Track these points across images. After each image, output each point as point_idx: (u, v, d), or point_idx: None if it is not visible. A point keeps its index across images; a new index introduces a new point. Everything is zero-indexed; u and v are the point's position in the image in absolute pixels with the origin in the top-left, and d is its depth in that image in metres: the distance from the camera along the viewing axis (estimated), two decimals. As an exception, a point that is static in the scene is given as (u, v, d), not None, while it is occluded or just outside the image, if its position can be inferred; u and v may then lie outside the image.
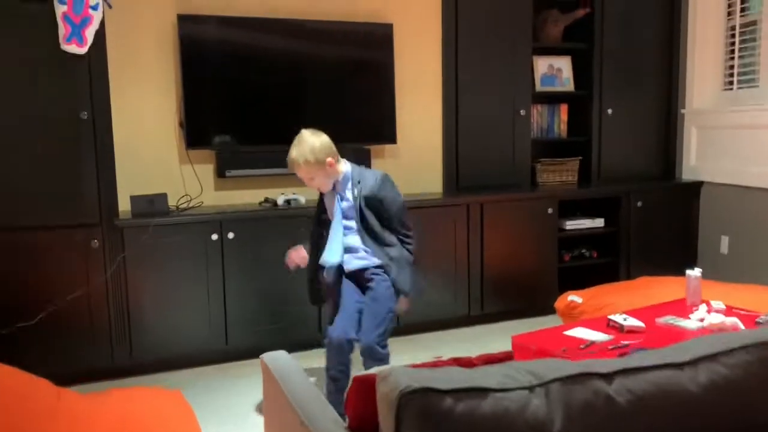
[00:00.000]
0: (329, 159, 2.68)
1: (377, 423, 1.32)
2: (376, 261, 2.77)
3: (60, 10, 3.03)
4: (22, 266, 3.15)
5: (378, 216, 2.77)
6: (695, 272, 3.03)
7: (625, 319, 2.69)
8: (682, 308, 2.97)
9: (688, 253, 4.61)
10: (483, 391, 1.13)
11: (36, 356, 3.16)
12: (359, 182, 2.76)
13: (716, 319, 2.66)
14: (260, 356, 1.76)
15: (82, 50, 3.11)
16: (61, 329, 3.24)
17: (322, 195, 2.88)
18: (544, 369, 1.20)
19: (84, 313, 3.27)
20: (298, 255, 2.96)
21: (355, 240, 2.79)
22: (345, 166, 2.78)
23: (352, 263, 2.80)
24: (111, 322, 3.33)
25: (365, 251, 2.79)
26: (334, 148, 2.72)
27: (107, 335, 3.33)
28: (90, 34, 3.11)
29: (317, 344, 3.75)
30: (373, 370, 1.35)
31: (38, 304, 3.17)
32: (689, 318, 2.79)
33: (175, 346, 3.44)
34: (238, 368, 3.52)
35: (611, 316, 2.74)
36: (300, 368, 1.67)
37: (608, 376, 1.19)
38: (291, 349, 3.66)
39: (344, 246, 2.81)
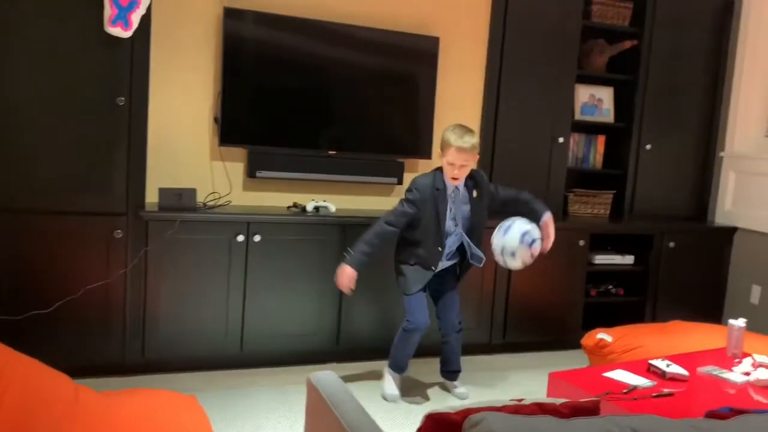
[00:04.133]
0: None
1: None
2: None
3: (108, -9, 2.93)
4: (41, 251, 3.04)
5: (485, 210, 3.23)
6: (739, 322, 2.92)
7: (668, 366, 2.58)
8: (724, 359, 2.86)
9: (716, 299, 4.49)
10: (587, 449, 1.01)
11: (46, 346, 3.04)
12: (474, 184, 3.16)
13: (764, 375, 2.54)
14: (307, 376, 1.64)
15: (127, 34, 3.01)
16: (75, 320, 3.11)
17: (415, 201, 3.08)
18: (649, 429, 1.08)
19: (100, 305, 3.15)
20: (349, 278, 3.03)
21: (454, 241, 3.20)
22: None
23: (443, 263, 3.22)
24: (126, 317, 3.21)
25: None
26: None
27: (121, 331, 3.21)
28: (136, 18, 3.02)
29: (334, 359, 3.64)
30: (448, 409, 1.23)
31: (54, 291, 3.06)
32: (732, 370, 2.68)
33: (189, 348, 3.32)
34: (251, 376, 3.39)
35: (652, 361, 2.64)
36: (350, 392, 1.55)
37: (721, 444, 1.07)
38: (306, 361, 3.57)
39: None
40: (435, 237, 3.10)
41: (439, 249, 3.13)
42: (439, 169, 3.15)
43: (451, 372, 3.38)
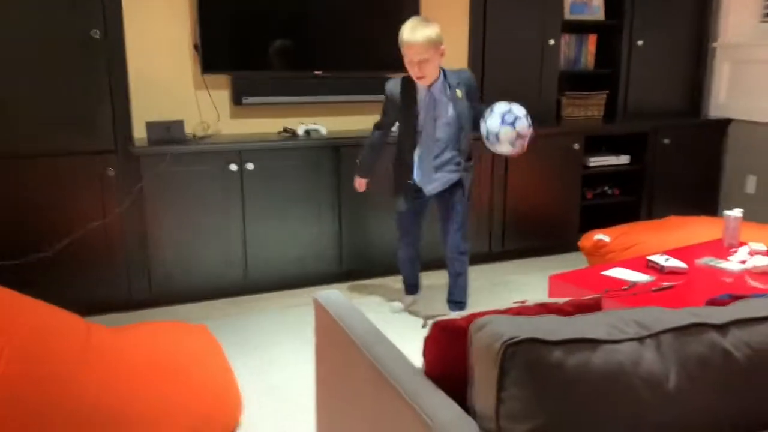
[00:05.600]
0: (443, 46, 2.73)
1: (459, 372, 1.23)
2: (456, 175, 2.93)
3: None
4: (36, 194, 3.02)
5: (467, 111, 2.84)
6: (735, 212, 2.94)
7: (666, 260, 2.61)
8: (720, 249, 2.90)
9: (711, 192, 4.52)
10: (592, 343, 1.04)
11: (53, 288, 3.07)
12: (458, 83, 2.82)
13: (760, 261, 2.59)
14: (313, 296, 1.66)
15: (93, -38, 2.88)
16: (78, 261, 3.13)
17: (385, 106, 2.98)
18: (651, 319, 1.11)
19: (101, 244, 3.16)
20: (359, 185, 3.18)
21: (446, 155, 2.90)
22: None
23: (436, 185, 2.94)
24: (128, 253, 3.22)
25: (453, 162, 2.91)
26: None
27: (124, 267, 3.23)
28: (101, -56, 2.87)
29: (335, 279, 3.69)
30: (454, 316, 1.25)
31: (53, 234, 3.06)
32: (729, 260, 2.72)
33: (193, 279, 3.36)
34: (256, 302, 3.45)
35: (651, 257, 2.67)
36: (357, 308, 1.58)
37: (723, 328, 1.10)
38: (310, 283, 3.62)
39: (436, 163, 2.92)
40: (408, 144, 2.92)
41: (413, 158, 2.94)
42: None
43: (450, 302, 3.12)
